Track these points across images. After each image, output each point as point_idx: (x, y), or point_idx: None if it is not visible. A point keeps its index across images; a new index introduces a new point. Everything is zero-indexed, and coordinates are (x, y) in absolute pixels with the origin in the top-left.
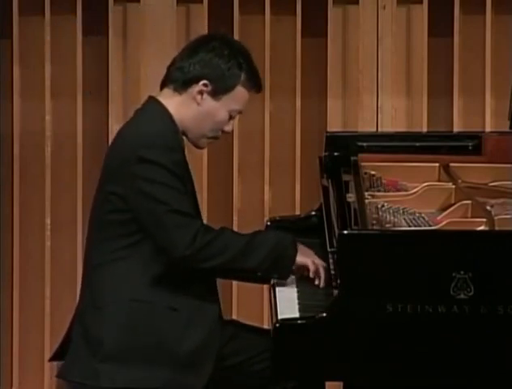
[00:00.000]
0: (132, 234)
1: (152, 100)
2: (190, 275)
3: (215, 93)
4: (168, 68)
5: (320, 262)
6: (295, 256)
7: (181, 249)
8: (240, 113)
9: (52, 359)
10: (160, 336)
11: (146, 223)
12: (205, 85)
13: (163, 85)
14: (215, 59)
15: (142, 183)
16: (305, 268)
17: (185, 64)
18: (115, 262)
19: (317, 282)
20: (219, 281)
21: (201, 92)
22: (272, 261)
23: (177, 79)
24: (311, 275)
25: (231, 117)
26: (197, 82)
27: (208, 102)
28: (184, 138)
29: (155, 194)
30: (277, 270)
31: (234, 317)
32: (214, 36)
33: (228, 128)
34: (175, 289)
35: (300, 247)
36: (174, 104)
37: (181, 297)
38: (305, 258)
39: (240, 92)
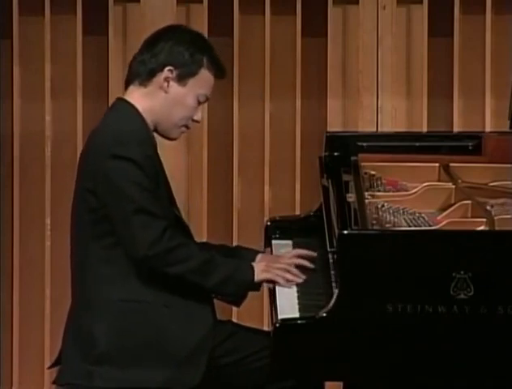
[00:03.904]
0: (112, 233)
1: (120, 100)
2: None
3: (181, 78)
4: (130, 65)
5: (278, 271)
6: (251, 282)
7: (143, 249)
8: (207, 99)
9: (52, 366)
10: (151, 335)
11: (113, 219)
12: (170, 71)
13: (127, 83)
14: (175, 46)
15: (113, 179)
16: (274, 282)
17: (146, 57)
18: (100, 263)
19: (299, 280)
20: None
21: (167, 79)
22: (228, 285)
23: (141, 72)
24: (282, 282)
25: (199, 103)
26: (161, 69)
27: (175, 88)
28: (156, 135)
29: (124, 191)
30: (231, 294)
31: (234, 318)
32: (170, 26)
33: (197, 116)
34: (164, 288)
35: (259, 264)
36: (141, 98)
37: (172, 296)
38: (265, 274)
39: (205, 75)
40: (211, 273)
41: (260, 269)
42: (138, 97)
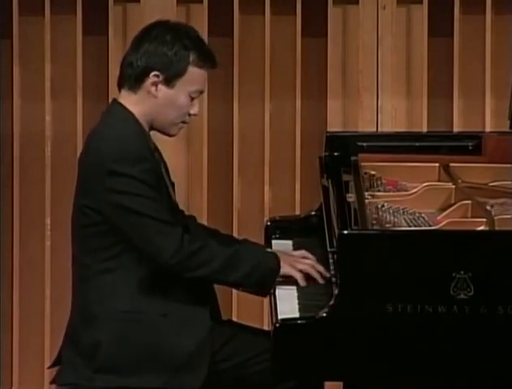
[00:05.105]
0: (112, 246)
1: (115, 104)
2: (177, 281)
3: (169, 81)
4: (121, 65)
5: (304, 266)
6: (278, 271)
7: (166, 257)
8: (201, 92)
9: (52, 366)
10: (151, 344)
11: (129, 235)
12: (156, 76)
13: (120, 85)
14: (159, 47)
15: (117, 197)
16: (292, 278)
17: (133, 59)
18: (100, 275)
19: (318, 281)
20: None
21: (154, 84)
22: (255, 276)
23: (129, 76)
24: (301, 283)
25: (193, 99)
26: (147, 75)
27: (164, 92)
28: (155, 132)
29: (132, 207)
30: (259, 285)
31: (234, 317)
32: (156, 24)
33: (193, 111)
34: (163, 296)
35: (282, 256)
36: (133, 104)
37: (170, 304)
38: (289, 268)
39: (193, 73)
40: (235, 269)
41: (286, 262)
42: (130, 103)
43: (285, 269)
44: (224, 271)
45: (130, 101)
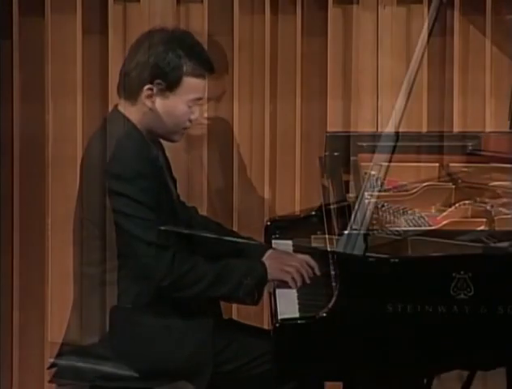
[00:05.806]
0: (113, 258)
1: (116, 112)
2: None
3: (164, 92)
4: (120, 73)
5: (291, 269)
6: (265, 280)
7: (157, 280)
8: (200, 99)
9: (52, 366)
10: (153, 353)
11: (122, 253)
12: (150, 89)
13: (119, 93)
14: (151, 59)
15: (113, 216)
16: (283, 281)
17: (129, 68)
18: (100, 286)
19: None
20: None
21: (149, 97)
22: (243, 289)
23: (126, 86)
24: (292, 285)
25: (191, 107)
26: (141, 88)
27: (160, 103)
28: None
29: (127, 228)
30: (248, 296)
31: (234, 317)
32: (151, 32)
33: (193, 116)
34: (163, 306)
35: (271, 262)
36: (133, 113)
37: (171, 313)
38: (278, 273)
39: (189, 82)
40: (223, 285)
41: (273, 268)
42: (129, 112)
43: (274, 275)
44: (212, 287)
45: (130, 111)
